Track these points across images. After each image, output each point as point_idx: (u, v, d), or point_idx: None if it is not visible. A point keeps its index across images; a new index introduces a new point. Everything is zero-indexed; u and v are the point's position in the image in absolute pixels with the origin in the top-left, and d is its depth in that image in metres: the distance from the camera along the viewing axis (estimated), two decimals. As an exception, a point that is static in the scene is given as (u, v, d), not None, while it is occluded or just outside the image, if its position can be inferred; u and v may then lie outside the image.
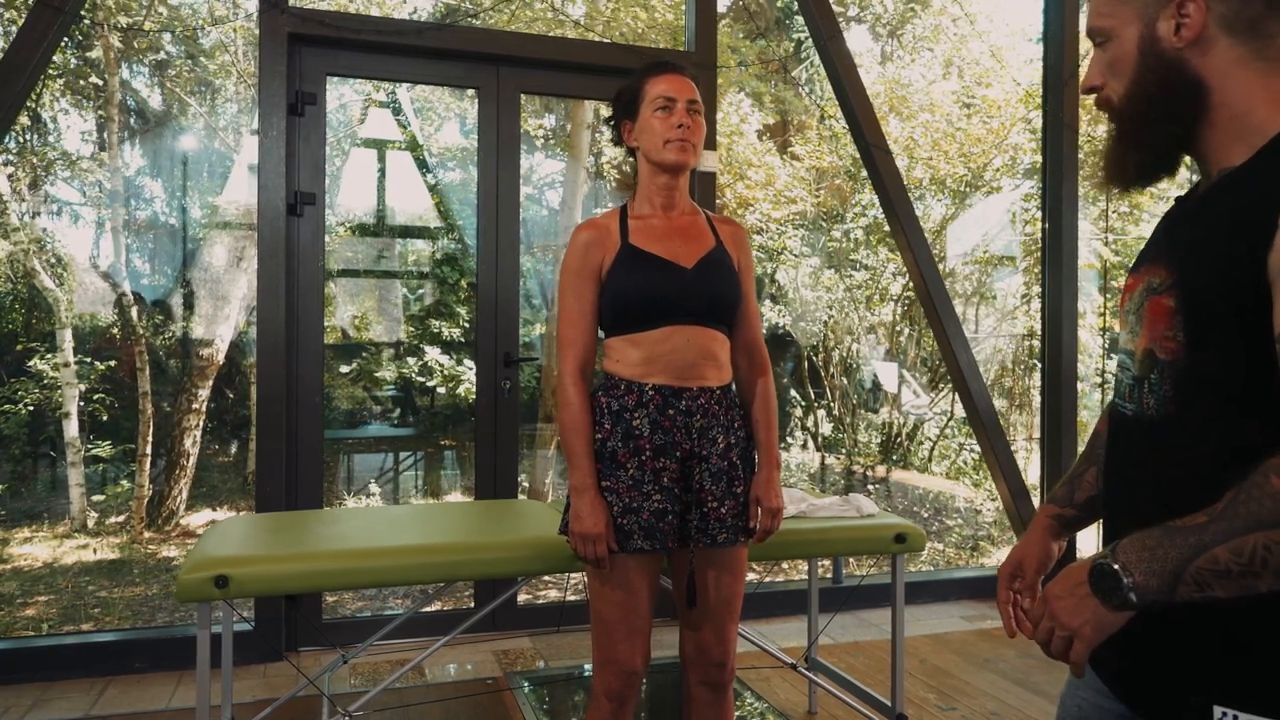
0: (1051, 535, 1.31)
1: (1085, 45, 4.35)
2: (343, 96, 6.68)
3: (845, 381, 7.96)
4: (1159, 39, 1.01)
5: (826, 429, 8.02)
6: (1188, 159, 1.08)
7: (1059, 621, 0.98)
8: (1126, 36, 1.03)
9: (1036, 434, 7.44)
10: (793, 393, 8.00)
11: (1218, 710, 0.95)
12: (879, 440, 8.04)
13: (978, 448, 7.36)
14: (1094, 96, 1.10)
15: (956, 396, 7.50)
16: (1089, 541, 5.41)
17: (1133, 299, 1.08)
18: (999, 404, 6.93)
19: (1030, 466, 6.19)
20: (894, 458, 7.87)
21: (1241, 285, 0.92)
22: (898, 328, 8.02)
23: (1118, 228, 7.41)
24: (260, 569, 1.99)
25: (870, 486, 7.53)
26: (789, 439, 7.99)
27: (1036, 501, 4.48)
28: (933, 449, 7.96)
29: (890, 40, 9.05)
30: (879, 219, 7.44)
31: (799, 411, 8.04)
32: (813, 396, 8.00)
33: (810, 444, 8.08)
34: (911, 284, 7.12)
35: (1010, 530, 5.07)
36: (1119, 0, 1.04)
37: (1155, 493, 1.03)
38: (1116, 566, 0.93)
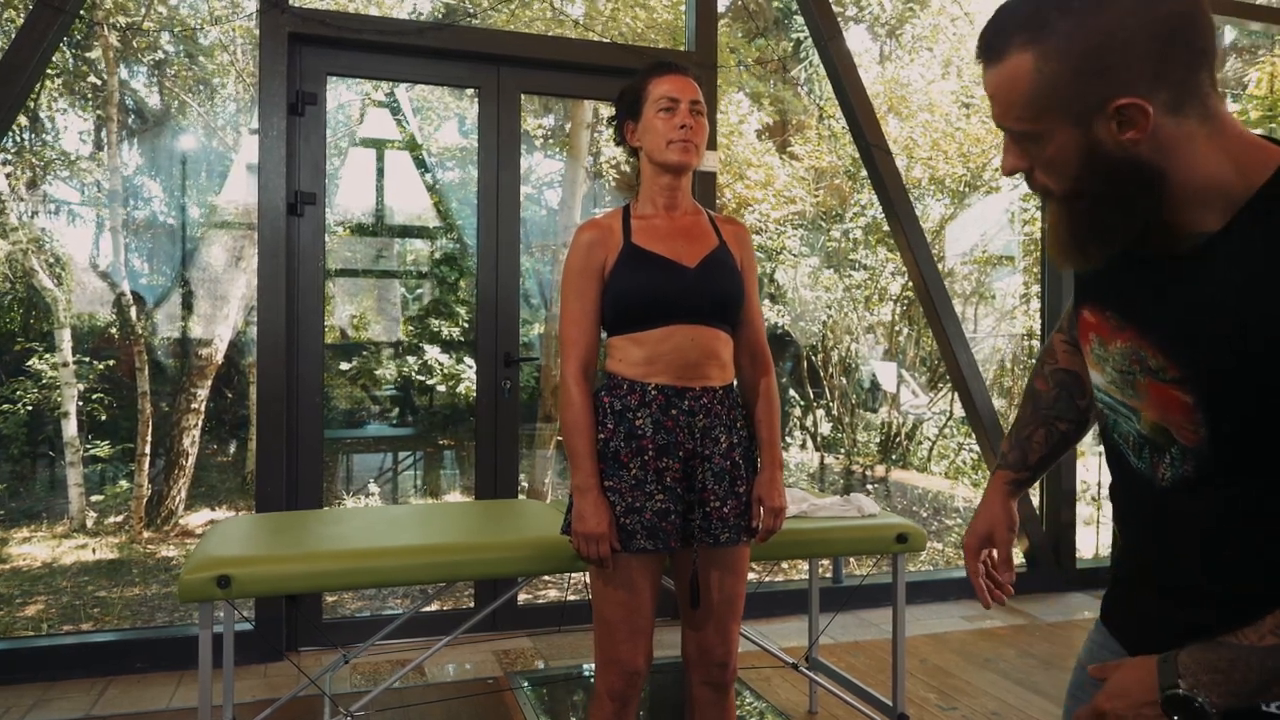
0: (1011, 499, 1.35)
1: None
2: (341, 96, 6.68)
3: (844, 381, 7.96)
4: (1100, 141, 0.90)
5: (825, 429, 8.02)
6: None
7: None
8: (1058, 140, 0.92)
9: (1035, 434, 7.44)
10: (792, 392, 8.01)
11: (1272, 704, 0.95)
12: (878, 440, 8.05)
13: (976, 448, 7.37)
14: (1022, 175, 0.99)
15: (955, 396, 7.51)
16: (1088, 541, 5.43)
17: (1113, 356, 1.02)
18: (998, 404, 6.94)
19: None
20: (893, 457, 7.87)
21: (1269, 368, 0.87)
22: (896, 327, 8.02)
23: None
24: (262, 569, 1.99)
25: (869, 486, 7.53)
26: (788, 439, 7.99)
27: (1036, 501, 4.48)
28: (932, 449, 7.97)
29: (889, 40, 9.06)
30: (878, 219, 7.44)
31: (798, 411, 8.05)
32: (812, 396, 8.00)
33: (809, 444, 8.09)
34: (911, 284, 7.13)
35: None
36: (1039, 105, 0.91)
37: (1170, 554, 1.02)
38: (1190, 692, 0.91)
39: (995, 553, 1.34)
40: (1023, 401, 1.36)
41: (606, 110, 5.94)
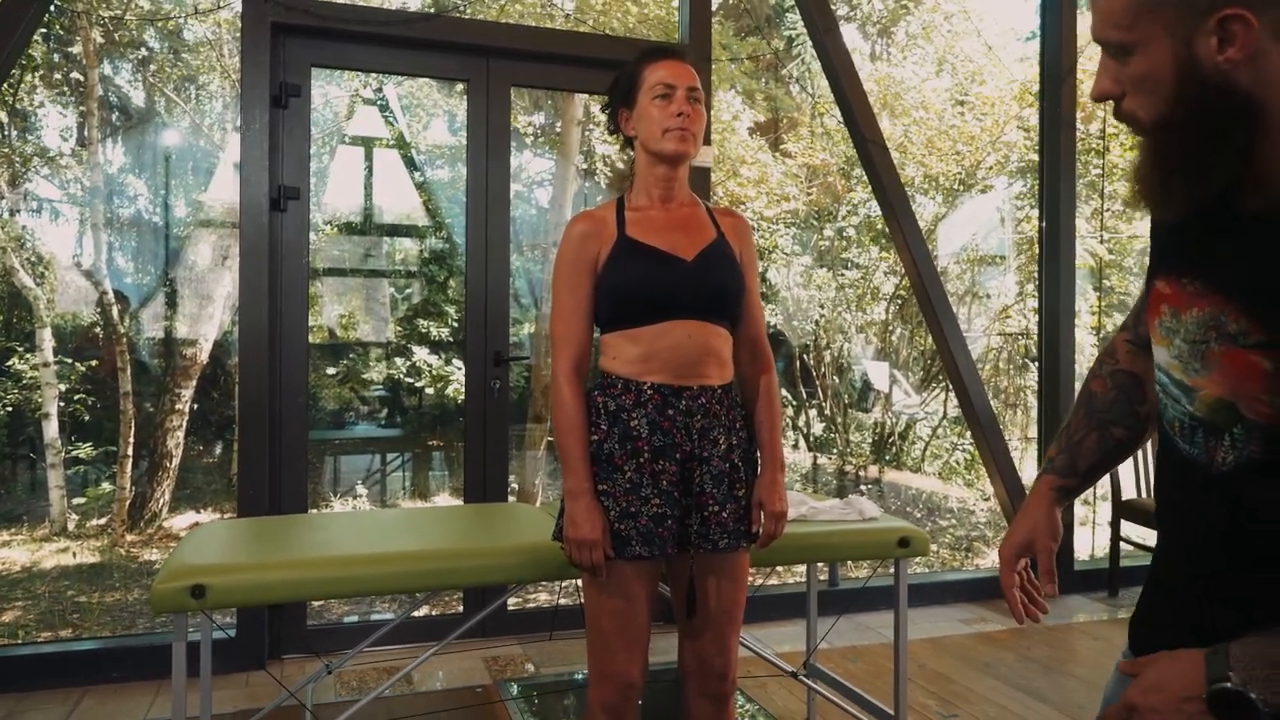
0: (1056, 507, 1.24)
1: (1084, 39, 4.30)
2: (329, 94, 6.58)
3: (837, 381, 7.90)
4: (1199, 59, 0.86)
5: (818, 429, 7.96)
6: None
7: None
8: (1155, 53, 0.88)
9: (1029, 433, 7.41)
10: (784, 392, 7.94)
11: None
12: (871, 440, 7.99)
13: (970, 447, 7.31)
14: (1110, 105, 0.95)
15: (948, 396, 7.46)
16: (1084, 542, 5.37)
17: (1186, 325, 0.94)
18: (993, 404, 6.87)
19: (1025, 466, 6.13)
20: (886, 458, 7.81)
21: None
22: (890, 326, 7.97)
23: (1111, 226, 7.37)
24: (240, 578, 1.90)
25: (863, 487, 7.47)
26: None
27: (1034, 502, 4.42)
28: (925, 449, 7.91)
29: (880, 39, 9.00)
30: (871, 217, 7.39)
31: (790, 411, 7.98)
32: (804, 396, 7.93)
33: (802, 444, 8.02)
34: (904, 282, 7.07)
35: (1006, 529, 5.02)
36: (1140, 11, 0.87)
37: (1229, 550, 0.93)
38: (1242, 687, 0.81)
39: (1036, 563, 1.24)
40: (1076, 404, 1.27)
41: (598, 106, 5.85)
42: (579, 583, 1.95)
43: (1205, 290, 0.93)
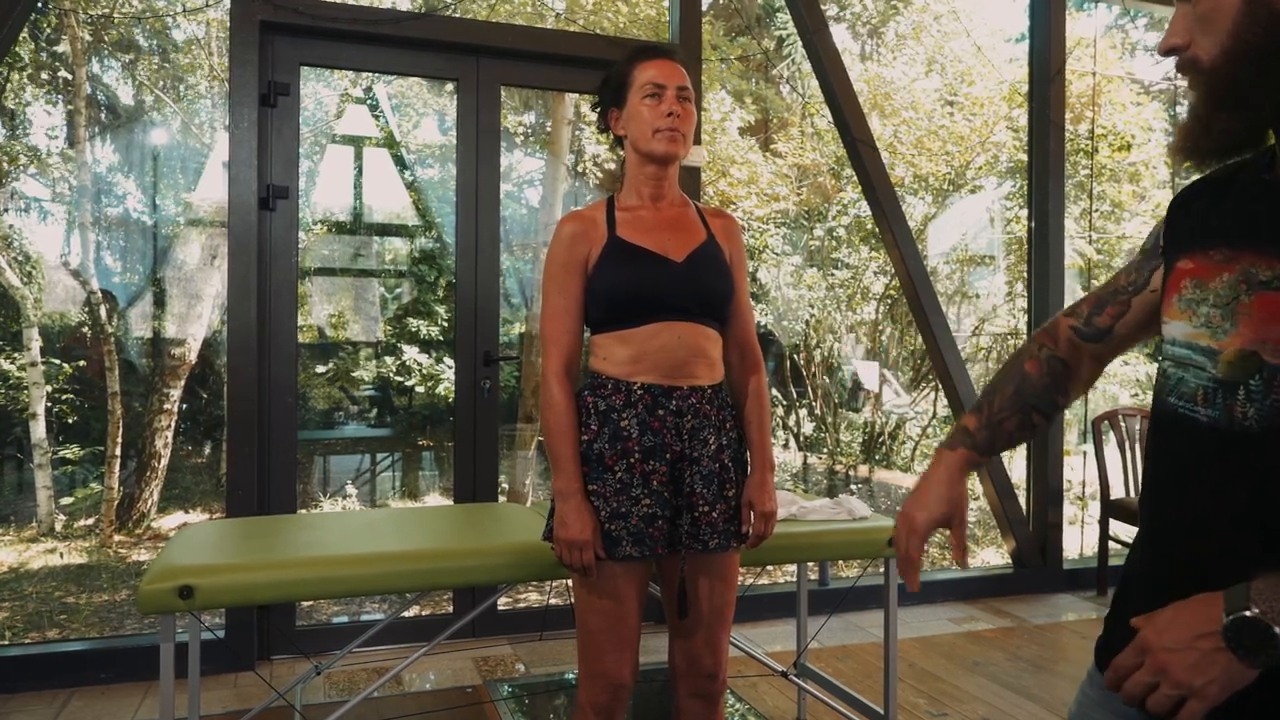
0: (964, 479, 1.24)
1: (1074, 39, 4.31)
2: (318, 93, 6.56)
3: (827, 380, 7.92)
4: None
5: (808, 428, 7.98)
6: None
7: (1171, 678, 0.81)
8: None
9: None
10: (775, 392, 7.95)
11: None
12: (861, 440, 8.01)
13: (960, 447, 7.33)
14: (1174, 60, 0.97)
15: (938, 395, 7.48)
16: (1072, 541, 5.38)
17: (1215, 291, 0.95)
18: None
19: (1013, 465, 6.16)
20: (876, 457, 7.83)
21: None
22: (880, 326, 7.99)
23: (1100, 226, 7.41)
24: (228, 578, 1.89)
25: (853, 486, 7.49)
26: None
27: (1022, 501, 4.44)
28: (915, 448, 7.93)
29: (870, 40, 9.02)
30: (860, 217, 7.40)
31: (780, 411, 8.00)
32: (794, 396, 7.95)
33: (792, 443, 8.04)
34: (894, 282, 7.09)
35: (995, 529, 5.03)
36: None
37: (1253, 515, 0.89)
38: (1261, 615, 0.78)
39: (953, 535, 1.25)
40: (1003, 378, 1.25)
41: (588, 105, 5.85)
42: (569, 583, 1.95)
43: (1236, 254, 0.94)
